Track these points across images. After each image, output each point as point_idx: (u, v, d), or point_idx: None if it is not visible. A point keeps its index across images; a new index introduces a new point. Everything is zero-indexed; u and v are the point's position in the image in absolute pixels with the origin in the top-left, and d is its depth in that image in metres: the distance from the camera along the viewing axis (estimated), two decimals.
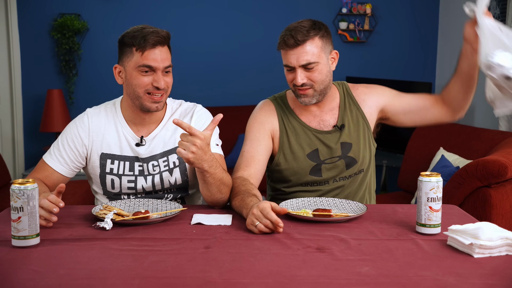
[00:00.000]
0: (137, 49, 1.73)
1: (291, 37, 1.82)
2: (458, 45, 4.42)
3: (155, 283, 1.17)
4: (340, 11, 4.73)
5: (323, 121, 1.97)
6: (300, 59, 1.82)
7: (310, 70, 1.84)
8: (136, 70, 1.75)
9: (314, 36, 1.83)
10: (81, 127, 1.86)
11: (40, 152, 4.66)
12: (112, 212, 1.57)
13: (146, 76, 1.75)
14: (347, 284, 1.17)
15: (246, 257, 1.32)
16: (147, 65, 1.73)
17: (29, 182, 1.37)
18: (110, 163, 1.85)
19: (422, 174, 1.50)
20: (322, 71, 1.85)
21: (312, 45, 1.83)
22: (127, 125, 1.86)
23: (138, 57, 1.74)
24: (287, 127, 1.96)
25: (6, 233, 1.47)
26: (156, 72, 1.75)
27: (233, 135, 4.48)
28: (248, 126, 1.98)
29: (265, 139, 1.94)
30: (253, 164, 1.88)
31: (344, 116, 1.97)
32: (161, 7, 4.64)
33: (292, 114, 1.98)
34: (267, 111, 1.99)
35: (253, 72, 4.79)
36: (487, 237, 1.33)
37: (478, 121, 4.13)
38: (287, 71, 1.89)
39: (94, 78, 4.63)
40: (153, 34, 1.73)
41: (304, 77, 1.84)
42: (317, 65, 1.84)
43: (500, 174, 2.57)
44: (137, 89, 1.76)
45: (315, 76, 1.84)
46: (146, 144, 1.86)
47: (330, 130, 1.96)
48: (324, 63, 1.86)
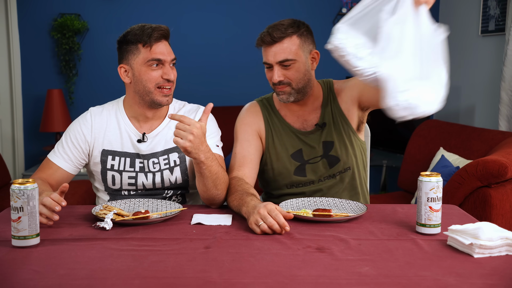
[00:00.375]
0: (144, 45, 1.78)
1: (268, 34, 1.84)
2: (458, 45, 4.43)
3: (155, 283, 1.17)
4: (340, 11, 4.72)
5: (306, 121, 1.98)
6: (277, 56, 1.83)
7: (287, 67, 1.84)
8: (145, 66, 1.79)
9: (292, 34, 1.83)
10: (84, 124, 1.90)
11: (40, 152, 4.66)
12: (112, 212, 1.57)
13: (155, 71, 1.79)
14: (347, 284, 1.17)
15: (246, 257, 1.32)
16: (156, 59, 1.78)
17: (29, 182, 1.37)
18: (111, 159, 1.88)
19: (422, 174, 1.50)
20: (299, 69, 1.85)
21: (289, 43, 1.83)
22: (130, 122, 1.90)
23: (146, 52, 1.78)
24: (272, 128, 1.98)
25: (6, 233, 1.47)
26: (164, 65, 1.80)
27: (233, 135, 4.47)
28: (236, 129, 2.02)
29: (255, 140, 1.96)
30: (246, 164, 1.90)
31: (325, 114, 1.97)
32: (161, 7, 4.64)
33: (276, 115, 2.00)
34: (253, 113, 2.01)
35: (254, 72, 4.78)
36: (487, 237, 1.33)
37: (478, 121, 4.13)
38: (267, 69, 1.90)
39: (94, 78, 4.63)
40: (157, 29, 1.79)
41: (281, 74, 1.85)
42: (294, 63, 1.84)
43: (500, 174, 2.57)
44: (148, 84, 1.80)
45: (291, 74, 1.85)
46: (148, 141, 1.88)
47: (312, 129, 1.96)
48: (302, 61, 1.86)
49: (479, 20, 4.08)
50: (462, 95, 4.38)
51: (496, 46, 3.87)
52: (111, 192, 1.92)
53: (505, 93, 3.46)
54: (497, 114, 3.62)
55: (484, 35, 4.04)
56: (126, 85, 1.87)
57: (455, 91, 4.48)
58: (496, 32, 3.84)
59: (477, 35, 4.13)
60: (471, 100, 4.26)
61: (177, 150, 1.89)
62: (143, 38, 1.77)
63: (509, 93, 3.44)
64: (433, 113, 4.96)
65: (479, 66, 4.12)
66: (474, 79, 4.19)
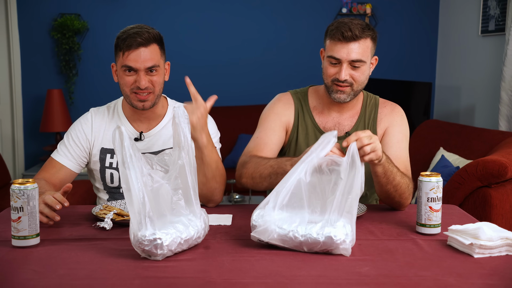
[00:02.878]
0: (120, 50, 1.80)
1: (349, 30, 1.77)
2: (458, 45, 4.43)
3: (155, 283, 1.17)
4: (340, 11, 4.73)
5: (340, 124, 1.92)
6: (351, 54, 1.78)
7: (356, 68, 1.80)
8: (121, 70, 1.82)
9: (368, 36, 1.79)
10: (85, 123, 1.93)
11: (40, 152, 4.66)
12: (112, 212, 1.57)
13: (130, 76, 1.81)
14: (347, 284, 1.17)
15: (246, 257, 1.32)
16: (127, 66, 1.80)
17: (29, 182, 1.37)
18: (109, 157, 1.91)
19: (422, 174, 1.50)
20: (364, 72, 1.82)
21: (365, 44, 1.79)
22: (127, 121, 1.93)
23: (121, 58, 1.81)
24: (299, 124, 1.93)
25: (6, 233, 1.47)
26: (138, 72, 1.80)
27: (233, 135, 4.48)
28: (264, 115, 1.95)
29: (280, 131, 1.91)
30: (265, 150, 1.85)
31: (359, 126, 1.91)
32: (161, 7, 4.64)
33: (308, 113, 1.94)
34: (286, 104, 1.96)
35: (254, 72, 4.79)
36: (487, 237, 1.33)
37: (478, 121, 4.13)
38: (330, 64, 1.82)
39: (94, 78, 4.63)
40: (135, 35, 1.78)
41: (348, 73, 1.80)
42: (364, 65, 1.80)
43: (500, 174, 2.56)
44: (124, 88, 1.84)
45: (357, 76, 1.81)
46: (145, 140, 1.91)
47: (341, 136, 1.90)
48: (368, 65, 1.83)
49: (479, 20, 4.08)
50: (462, 95, 4.38)
51: (496, 46, 3.87)
52: (110, 191, 1.94)
53: (505, 93, 3.46)
54: (497, 114, 3.62)
55: (484, 35, 4.04)
56: None
57: (455, 91, 4.48)
58: (496, 32, 3.84)
59: (477, 35, 4.13)
60: (471, 100, 4.26)
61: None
62: (120, 43, 1.79)
63: (509, 93, 3.44)
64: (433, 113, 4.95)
65: (479, 66, 4.12)
66: (474, 79, 4.19)
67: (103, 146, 1.91)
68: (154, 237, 1.27)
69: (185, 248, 1.35)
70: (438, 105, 4.79)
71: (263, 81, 4.78)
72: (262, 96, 4.53)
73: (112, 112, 1.95)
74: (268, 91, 3.48)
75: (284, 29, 4.77)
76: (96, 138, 1.91)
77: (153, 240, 1.27)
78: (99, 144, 1.91)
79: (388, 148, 1.84)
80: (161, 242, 1.28)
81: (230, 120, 4.46)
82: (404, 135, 1.89)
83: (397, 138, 1.87)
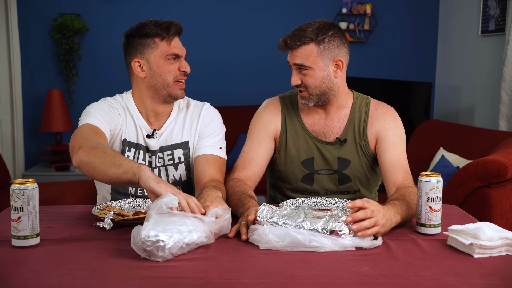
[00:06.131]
0: (162, 39, 1.80)
1: (284, 40, 1.82)
2: (458, 45, 4.43)
3: (155, 283, 1.17)
4: (340, 11, 4.73)
5: (327, 127, 1.91)
6: (294, 59, 1.81)
7: (303, 72, 1.81)
8: (163, 59, 1.80)
9: (309, 42, 1.77)
10: (112, 106, 1.85)
11: (40, 152, 4.66)
12: (112, 212, 1.57)
13: (173, 64, 1.82)
14: (347, 284, 1.17)
15: (246, 257, 1.32)
16: (174, 54, 1.81)
17: (29, 182, 1.37)
18: (127, 150, 1.86)
19: (422, 174, 1.50)
20: (315, 76, 1.80)
21: (305, 50, 1.78)
22: (141, 117, 1.88)
23: (165, 47, 1.80)
24: (288, 128, 1.93)
25: (6, 233, 1.47)
26: (180, 59, 1.83)
27: (233, 135, 4.48)
28: (251, 126, 1.96)
29: (266, 141, 1.92)
30: (250, 166, 1.87)
31: (349, 130, 1.89)
32: (161, 7, 4.64)
33: (297, 115, 1.94)
34: (272, 111, 1.96)
35: (254, 72, 4.79)
36: (487, 237, 1.33)
37: (478, 121, 4.13)
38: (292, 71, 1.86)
39: (94, 78, 4.63)
40: (173, 24, 1.82)
41: (298, 78, 1.82)
42: (310, 69, 1.79)
43: (500, 174, 2.57)
44: (167, 77, 1.81)
45: (307, 80, 1.81)
46: (157, 137, 1.88)
47: (331, 141, 1.90)
48: (319, 68, 1.79)
49: (479, 20, 4.08)
50: (462, 95, 4.38)
51: (496, 46, 3.87)
52: (117, 190, 1.90)
53: (505, 93, 3.46)
54: (497, 114, 3.62)
55: (484, 35, 4.04)
56: (138, 80, 1.84)
57: (455, 91, 4.48)
58: (496, 32, 3.84)
59: (477, 35, 4.13)
60: (471, 100, 4.26)
61: (181, 147, 1.89)
62: (161, 32, 1.79)
63: (509, 93, 3.44)
64: (433, 113, 4.95)
65: (479, 66, 4.12)
66: (474, 79, 4.19)
67: (125, 137, 1.86)
68: (157, 239, 1.27)
69: (186, 251, 1.35)
70: (438, 105, 4.79)
71: (263, 81, 4.78)
72: (262, 96, 4.50)
73: (126, 105, 1.87)
74: (268, 91, 3.48)
75: (284, 29, 4.75)
76: (121, 125, 1.84)
77: (156, 241, 1.27)
78: (122, 133, 1.85)
79: (385, 154, 1.82)
80: (163, 244, 1.28)
81: (230, 120, 4.44)
82: (400, 138, 1.86)
83: (392, 142, 1.84)
